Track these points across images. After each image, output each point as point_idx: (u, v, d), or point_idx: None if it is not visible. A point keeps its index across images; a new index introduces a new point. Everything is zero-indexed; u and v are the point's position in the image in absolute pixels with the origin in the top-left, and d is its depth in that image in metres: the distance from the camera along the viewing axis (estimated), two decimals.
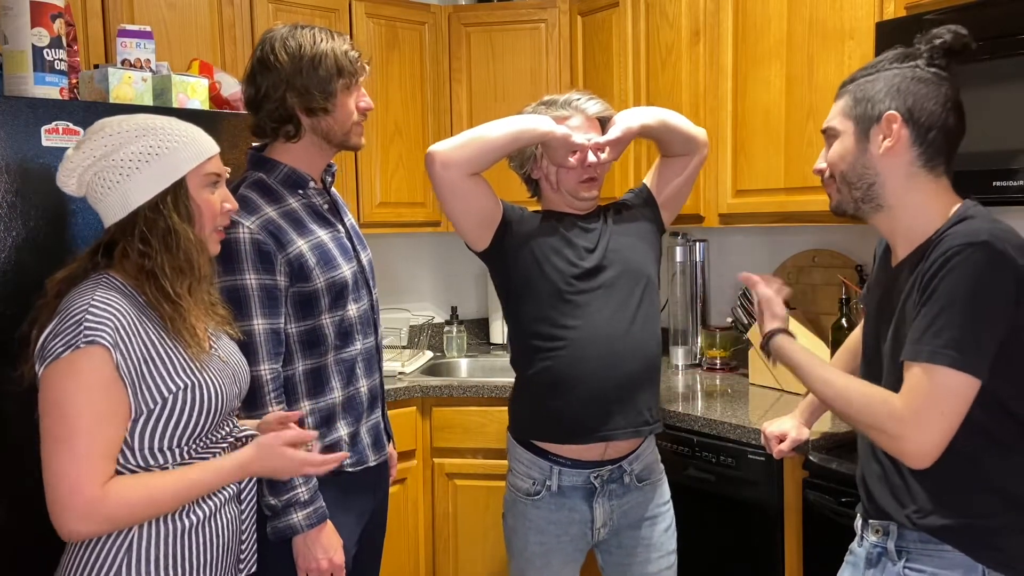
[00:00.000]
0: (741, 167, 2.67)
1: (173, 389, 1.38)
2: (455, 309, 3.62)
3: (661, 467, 2.09)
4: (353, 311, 1.83)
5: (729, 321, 2.92)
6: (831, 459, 2.05)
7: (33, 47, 2.04)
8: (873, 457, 1.50)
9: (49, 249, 1.97)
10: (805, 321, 2.77)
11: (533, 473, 1.97)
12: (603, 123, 2.02)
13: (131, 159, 1.40)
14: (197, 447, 1.43)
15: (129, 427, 1.36)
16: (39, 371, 1.33)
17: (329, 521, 1.74)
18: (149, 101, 2.21)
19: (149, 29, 2.36)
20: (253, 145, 1.88)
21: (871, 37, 2.21)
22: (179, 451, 1.41)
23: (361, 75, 1.82)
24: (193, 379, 1.40)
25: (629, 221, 2.06)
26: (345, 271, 1.81)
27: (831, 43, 2.37)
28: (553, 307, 1.93)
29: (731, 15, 2.66)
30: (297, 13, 2.92)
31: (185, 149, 1.43)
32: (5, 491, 1.91)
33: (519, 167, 2.07)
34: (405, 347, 3.50)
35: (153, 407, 1.37)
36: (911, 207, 1.45)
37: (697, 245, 3.12)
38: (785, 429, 1.87)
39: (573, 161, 1.95)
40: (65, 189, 1.46)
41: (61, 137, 2.00)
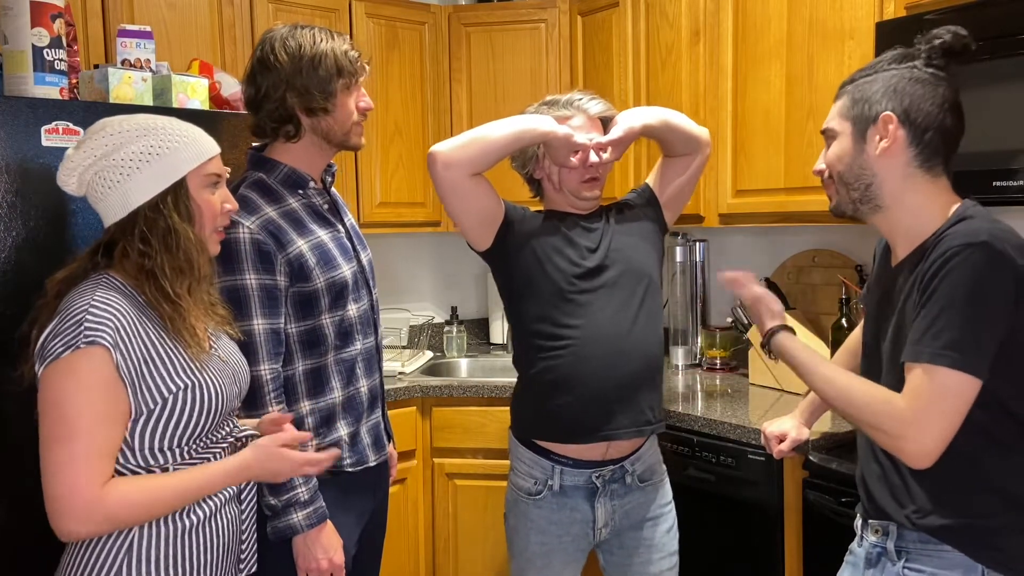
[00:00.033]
0: (741, 167, 2.67)
1: (173, 389, 1.38)
2: (455, 309, 3.62)
3: (663, 468, 2.09)
4: (353, 311, 1.83)
5: (729, 321, 2.92)
6: (831, 459, 2.05)
7: (33, 47, 2.04)
8: (873, 457, 1.50)
9: (49, 249, 1.97)
10: (805, 321, 2.77)
11: (535, 473, 1.98)
12: (605, 123, 2.01)
13: (132, 159, 1.40)
14: (197, 447, 1.43)
15: (129, 427, 1.36)
16: (39, 371, 1.33)
17: (329, 521, 1.74)
18: (149, 101, 2.21)
19: (149, 29, 2.36)
20: (253, 145, 1.88)
21: (871, 37, 2.21)
22: (179, 451, 1.41)
23: (361, 75, 1.82)
24: (193, 379, 1.40)
25: (631, 221, 2.06)
26: (345, 271, 1.81)
27: (831, 43, 2.37)
28: (555, 306, 1.93)
29: (731, 15, 2.66)
30: (297, 13, 2.92)
31: (186, 149, 1.43)
32: (5, 491, 1.91)
33: (521, 167, 2.07)
34: (405, 347, 3.50)
35: (153, 407, 1.37)
36: (909, 207, 1.45)
37: (697, 245, 3.12)
38: (785, 429, 1.87)
39: (575, 161, 1.95)
40: (65, 188, 1.46)
41: (61, 137, 2.00)
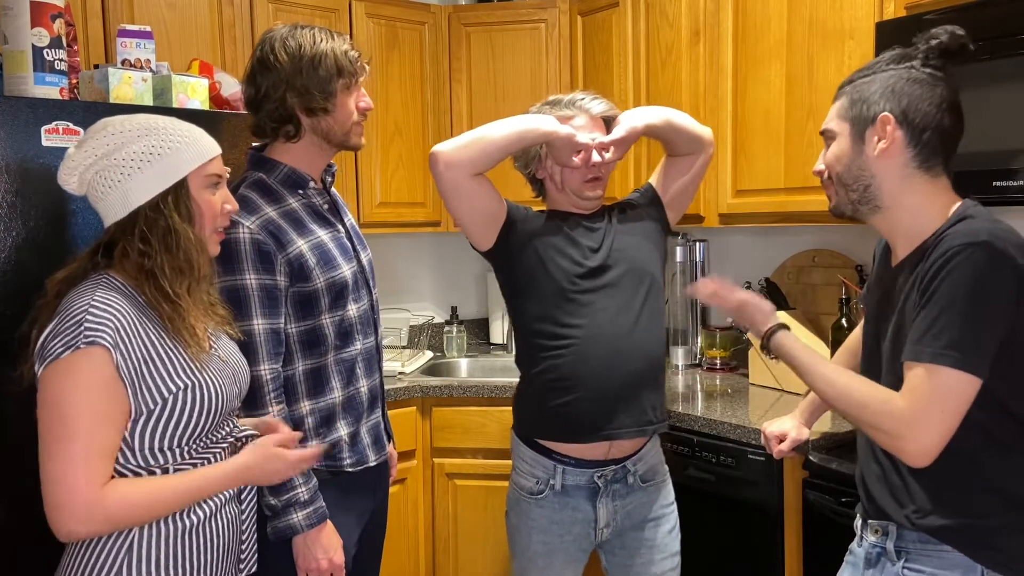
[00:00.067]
0: (741, 167, 2.66)
1: (173, 389, 1.38)
2: (455, 309, 3.62)
3: (665, 468, 2.09)
4: (353, 311, 1.83)
5: (729, 321, 2.90)
6: (831, 459, 2.05)
7: (33, 47, 2.04)
8: (872, 457, 1.50)
9: (49, 249, 1.97)
10: (805, 321, 2.77)
11: (537, 472, 1.97)
12: (608, 123, 2.01)
13: (133, 158, 1.40)
14: (197, 447, 1.43)
15: (129, 427, 1.36)
16: (39, 371, 1.33)
17: (329, 521, 1.74)
18: (149, 101, 2.21)
19: (149, 29, 2.36)
20: (253, 145, 1.88)
21: (871, 37, 2.21)
22: (179, 451, 1.41)
23: (361, 75, 1.82)
24: (193, 379, 1.40)
25: (634, 220, 2.06)
26: (345, 271, 1.81)
27: (831, 43, 2.36)
28: (557, 306, 1.93)
29: (731, 15, 2.66)
30: (297, 13, 2.92)
31: (187, 150, 1.43)
32: (5, 491, 1.91)
33: (524, 167, 2.07)
34: (405, 347, 3.50)
35: (153, 407, 1.37)
36: (908, 208, 1.44)
37: (697, 245, 3.12)
38: (785, 429, 1.87)
39: (577, 161, 1.95)
40: (66, 187, 1.46)
41: (61, 137, 2.00)
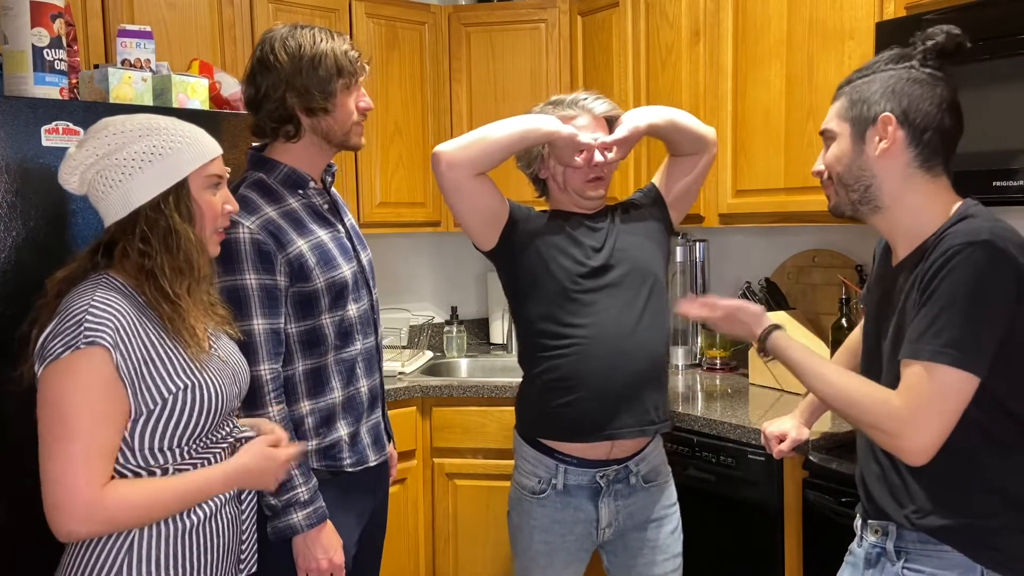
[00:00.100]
0: (741, 167, 2.66)
1: (173, 390, 1.38)
2: (455, 309, 3.61)
3: (668, 469, 2.09)
4: (353, 311, 1.83)
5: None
6: (831, 459, 2.05)
7: (33, 47, 2.04)
8: (872, 457, 1.50)
9: (49, 249, 1.97)
10: (805, 321, 2.77)
11: (539, 471, 1.97)
12: (610, 122, 2.01)
13: (134, 158, 1.40)
14: (197, 447, 1.43)
15: (129, 427, 1.36)
16: (39, 371, 1.33)
17: (329, 521, 1.74)
18: (149, 101, 2.21)
19: (149, 29, 2.36)
20: (253, 145, 1.88)
21: (871, 37, 2.21)
22: (179, 451, 1.41)
23: (361, 75, 1.82)
24: (193, 379, 1.40)
25: (637, 220, 2.06)
26: (345, 271, 1.81)
27: (831, 43, 2.36)
28: (559, 306, 1.93)
29: (731, 15, 2.65)
30: (297, 13, 2.92)
31: (188, 150, 1.43)
32: (5, 491, 1.91)
33: (526, 167, 2.07)
34: (405, 347, 3.50)
35: (153, 407, 1.37)
36: (909, 208, 1.44)
37: (697, 245, 3.12)
38: (785, 429, 1.87)
39: (580, 160, 1.95)
40: (67, 187, 1.45)
41: (61, 137, 2.00)
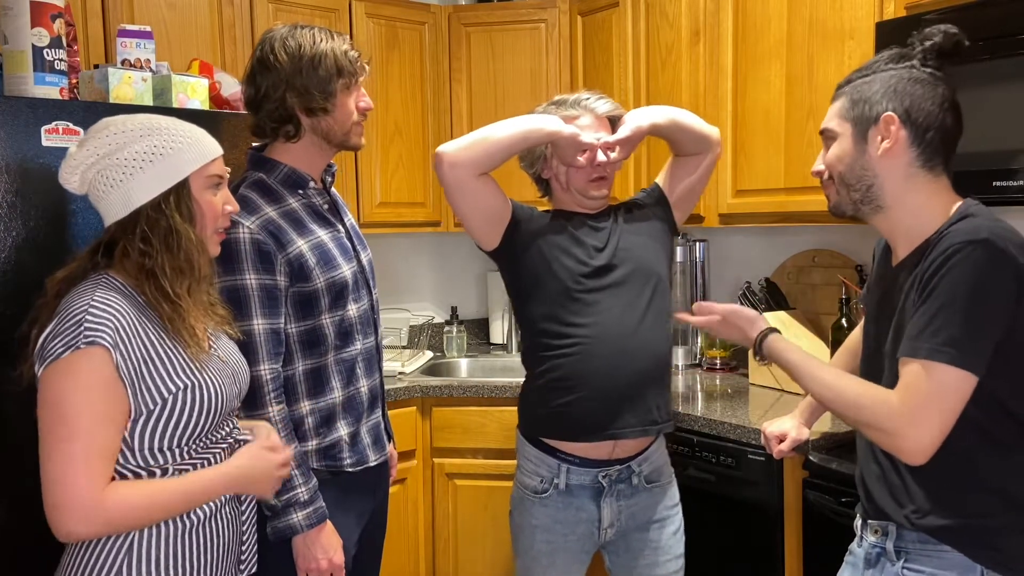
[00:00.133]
0: (741, 167, 2.66)
1: (173, 390, 1.38)
2: (455, 309, 3.61)
3: (671, 470, 2.08)
4: (353, 311, 1.83)
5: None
6: (831, 459, 2.05)
7: (33, 47, 2.04)
8: (872, 457, 1.50)
9: (49, 249, 1.97)
10: (805, 321, 2.77)
11: (541, 471, 1.97)
12: (613, 122, 2.01)
13: (135, 158, 1.40)
14: (197, 447, 1.43)
15: (129, 427, 1.36)
16: (39, 372, 1.33)
17: (329, 521, 1.74)
18: (149, 101, 2.21)
19: (149, 29, 2.36)
20: (253, 145, 1.89)
21: (871, 37, 2.21)
22: (179, 451, 1.41)
23: (361, 75, 1.82)
24: (193, 379, 1.40)
25: (640, 220, 2.06)
26: (345, 271, 1.81)
27: (831, 43, 2.36)
28: (562, 305, 1.93)
29: (731, 15, 2.66)
30: (297, 13, 2.92)
31: (189, 150, 1.43)
32: (5, 491, 1.91)
33: (529, 167, 2.07)
34: (405, 347, 3.50)
35: (153, 407, 1.37)
36: (910, 207, 1.44)
37: (697, 245, 3.12)
38: (785, 429, 1.87)
39: (582, 160, 1.95)
40: (67, 186, 1.45)
41: (61, 137, 2.00)
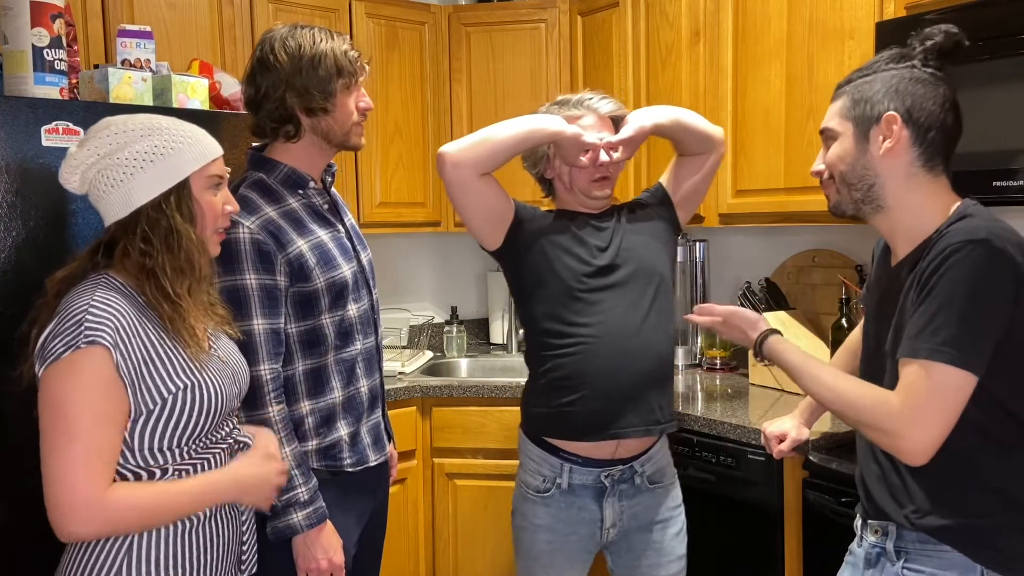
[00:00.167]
0: (741, 167, 2.66)
1: (173, 389, 1.38)
2: (455, 309, 3.61)
3: (673, 470, 2.08)
4: (353, 311, 1.83)
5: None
6: (831, 459, 2.05)
7: (33, 47, 2.04)
8: (872, 457, 1.50)
9: (49, 249, 1.97)
10: (805, 321, 2.77)
11: (544, 470, 1.97)
12: (616, 122, 2.01)
13: (136, 158, 1.40)
14: (196, 447, 1.43)
15: (128, 427, 1.36)
16: (39, 372, 1.33)
17: (329, 521, 1.74)
18: (149, 101, 2.21)
19: (149, 29, 2.36)
20: (253, 145, 1.88)
21: (871, 37, 2.21)
22: (178, 451, 1.41)
23: (361, 75, 1.82)
24: (193, 379, 1.40)
25: (644, 220, 2.06)
26: (345, 271, 1.81)
27: (831, 43, 2.36)
28: (564, 305, 1.93)
29: (731, 15, 2.65)
30: (297, 13, 2.92)
31: (190, 150, 1.43)
32: (5, 491, 1.91)
33: (532, 167, 2.08)
34: (405, 347, 3.50)
35: (153, 407, 1.37)
36: (911, 207, 1.45)
37: (697, 245, 3.12)
38: (785, 429, 1.87)
39: (585, 160, 1.95)
40: (67, 186, 1.45)
41: (61, 137, 2.00)
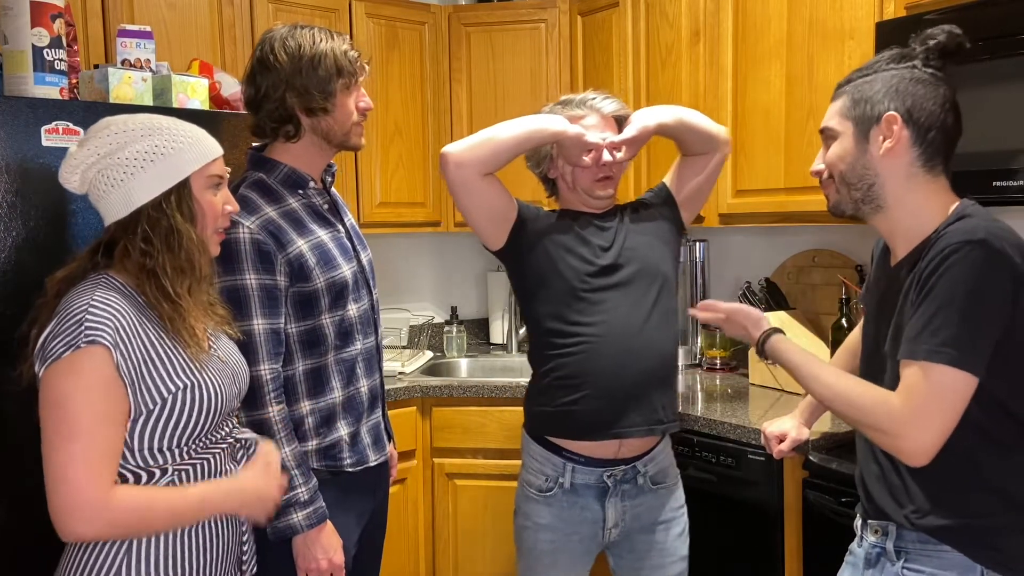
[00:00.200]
0: (741, 167, 2.66)
1: (172, 389, 1.38)
2: (455, 309, 3.62)
3: (676, 471, 2.08)
4: (353, 311, 1.83)
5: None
6: (831, 459, 2.05)
7: (33, 47, 2.04)
8: (872, 457, 1.50)
9: (49, 249, 1.97)
10: (805, 321, 2.77)
11: (546, 470, 1.97)
12: (620, 122, 2.01)
13: (136, 158, 1.40)
14: (196, 447, 1.43)
15: (128, 427, 1.36)
16: (39, 372, 1.32)
17: (329, 521, 1.75)
18: (149, 101, 2.21)
19: (149, 29, 2.36)
20: (253, 145, 1.89)
21: (871, 37, 2.21)
22: (178, 451, 1.41)
23: (361, 75, 1.82)
24: (192, 379, 1.40)
25: (647, 220, 2.06)
26: (345, 271, 1.81)
27: (831, 43, 2.36)
28: (567, 305, 1.93)
29: (731, 15, 2.65)
30: (297, 13, 2.92)
31: (190, 150, 1.43)
32: (5, 491, 1.91)
33: (536, 166, 2.08)
34: (405, 347, 3.50)
35: (152, 407, 1.37)
36: (910, 207, 1.45)
37: (697, 245, 3.12)
38: (785, 429, 1.87)
39: (588, 160, 1.95)
40: (67, 186, 1.45)
41: (61, 137, 2.00)
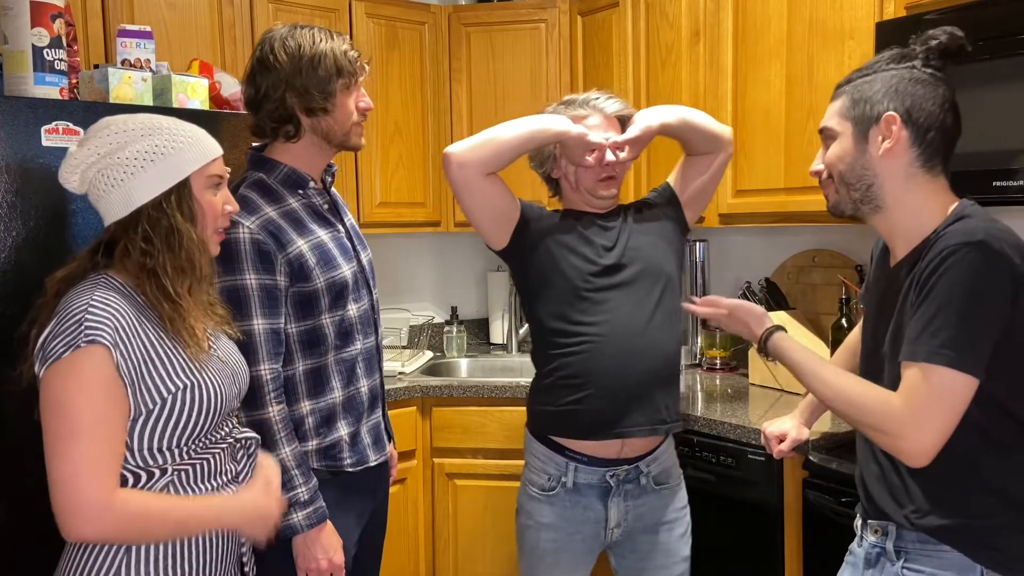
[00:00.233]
0: (741, 167, 2.66)
1: (172, 389, 1.38)
2: (455, 309, 3.62)
3: (679, 472, 2.08)
4: (353, 311, 1.83)
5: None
6: (831, 459, 2.05)
7: (33, 47, 2.04)
8: (872, 457, 1.50)
9: (49, 249, 1.97)
10: (805, 321, 2.77)
11: (549, 469, 1.97)
12: (623, 122, 2.02)
13: (136, 158, 1.40)
14: (196, 447, 1.43)
15: (128, 427, 1.36)
16: (40, 372, 1.32)
17: (329, 521, 1.75)
18: (149, 101, 2.21)
19: (149, 29, 2.36)
20: (253, 145, 1.89)
21: (871, 37, 2.21)
22: (178, 451, 1.41)
23: (361, 75, 1.82)
24: (192, 379, 1.40)
25: (651, 220, 2.06)
26: (345, 271, 1.81)
27: (831, 43, 2.36)
28: (570, 304, 1.93)
29: (731, 15, 2.65)
30: (297, 13, 2.92)
31: (190, 150, 1.43)
32: (5, 491, 1.91)
33: (539, 166, 2.08)
34: (405, 347, 3.50)
35: (152, 407, 1.36)
36: (909, 207, 1.45)
37: (697, 245, 3.12)
38: (785, 429, 1.87)
39: (591, 160, 1.95)
40: (67, 186, 1.45)
41: (61, 137, 2.00)
